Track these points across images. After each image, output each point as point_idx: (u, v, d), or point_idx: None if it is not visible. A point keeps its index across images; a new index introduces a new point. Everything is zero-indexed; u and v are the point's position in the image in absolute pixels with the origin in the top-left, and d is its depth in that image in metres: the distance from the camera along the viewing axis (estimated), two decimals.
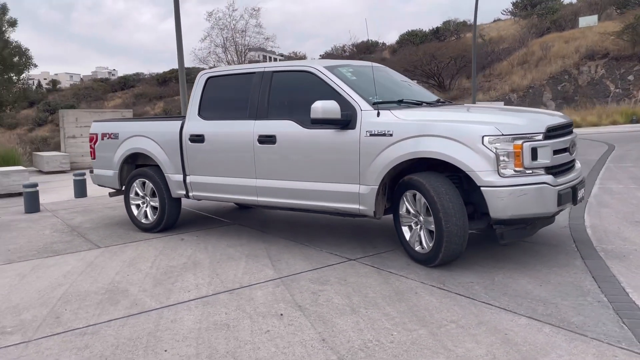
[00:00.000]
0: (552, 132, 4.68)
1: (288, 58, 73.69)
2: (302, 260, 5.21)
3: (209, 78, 6.37)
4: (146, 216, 6.81)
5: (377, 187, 4.96)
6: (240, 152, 5.85)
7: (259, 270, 4.98)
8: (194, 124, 6.25)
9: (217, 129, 6.05)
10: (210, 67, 36.40)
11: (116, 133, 7.00)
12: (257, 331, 3.64)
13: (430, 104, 5.66)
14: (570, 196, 4.74)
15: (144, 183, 6.77)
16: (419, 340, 3.40)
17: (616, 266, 4.64)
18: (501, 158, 4.45)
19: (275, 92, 5.72)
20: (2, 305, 4.37)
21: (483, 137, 4.48)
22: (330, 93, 5.27)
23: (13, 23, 17.69)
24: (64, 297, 4.50)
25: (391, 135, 4.88)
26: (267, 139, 5.61)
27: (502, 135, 4.46)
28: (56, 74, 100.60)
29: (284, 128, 5.51)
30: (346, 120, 5.09)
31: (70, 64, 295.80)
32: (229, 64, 35.74)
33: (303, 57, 68.51)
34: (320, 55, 64.30)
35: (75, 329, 3.83)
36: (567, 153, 4.85)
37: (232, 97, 6.06)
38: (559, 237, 5.65)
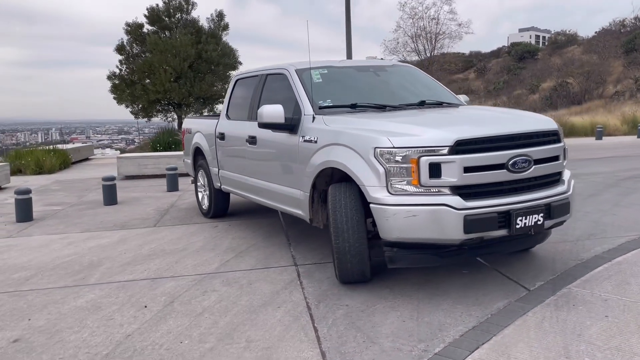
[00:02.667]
0: (465, 146, 3.93)
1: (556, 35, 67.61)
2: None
3: (237, 80, 6.85)
4: (205, 203, 7.67)
5: (309, 193, 4.84)
6: (239, 151, 6.23)
7: (207, 263, 5.36)
8: (222, 122, 6.83)
9: (231, 128, 6.52)
10: (401, 60, 35.58)
11: (190, 129, 8.00)
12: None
13: (396, 108, 5.14)
14: (497, 223, 3.93)
15: (203, 174, 7.63)
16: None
17: None
18: (392, 173, 3.96)
19: (265, 94, 5.92)
20: (29, 263, 5.68)
21: (375, 148, 4.04)
22: (293, 96, 5.28)
23: (225, 27, 20.57)
24: (66, 262, 5.61)
25: (316, 142, 4.71)
26: (252, 140, 5.86)
27: (394, 147, 3.96)
28: None
29: (263, 130, 5.69)
30: (291, 125, 5.06)
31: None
32: (419, 54, 34.40)
33: (573, 35, 62.13)
34: (595, 32, 57.83)
35: (53, 287, 4.84)
36: (504, 170, 3.99)
37: (245, 98, 6.44)
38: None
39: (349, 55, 15.67)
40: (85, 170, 15.17)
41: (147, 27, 19.65)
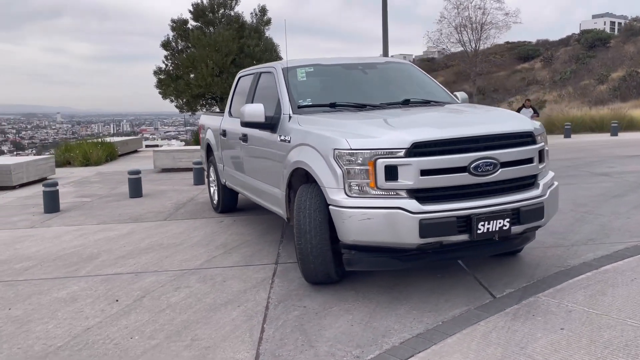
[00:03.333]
0: (422, 149, 3.82)
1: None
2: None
3: (240, 77, 6.93)
4: (215, 198, 7.84)
5: (285, 192, 4.86)
6: (236, 148, 6.33)
7: (195, 258, 5.49)
8: (225, 119, 6.94)
9: (230, 125, 6.61)
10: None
11: (203, 125, 8.17)
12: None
13: (376, 107, 5.04)
14: (456, 228, 3.81)
15: (213, 170, 7.79)
16: None
17: None
18: (350, 175, 3.92)
19: (257, 92, 5.97)
20: (37, 254, 6.02)
21: (334, 150, 4.01)
22: (277, 94, 5.31)
23: (267, 22, 20.63)
24: (68, 254, 5.91)
25: (289, 142, 4.72)
26: (244, 138, 5.93)
27: (351, 149, 3.91)
28: (392, 55, 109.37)
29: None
30: (271, 124, 5.09)
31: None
32: (464, 45, 33.06)
33: None
34: None
35: (45, 278, 5.14)
36: (465, 174, 3.86)
37: (243, 95, 6.51)
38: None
39: (385, 50, 15.45)
40: (128, 163, 15.78)
41: (191, 23, 20.14)
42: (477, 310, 3.84)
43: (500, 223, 3.92)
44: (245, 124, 5.16)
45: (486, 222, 3.87)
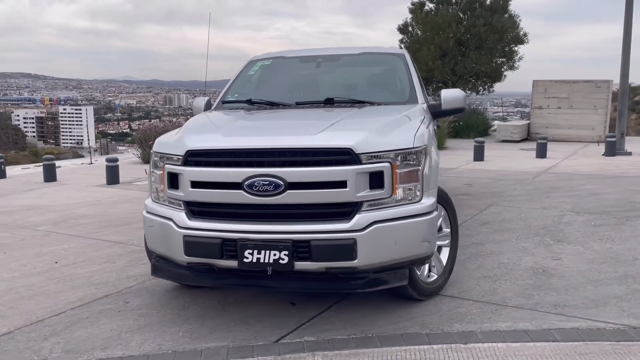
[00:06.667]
0: (195, 158, 3.45)
1: None
2: None
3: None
4: None
5: None
6: None
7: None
8: None
9: None
10: None
11: None
12: None
13: (287, 106, 4.51)
14: (221, 251, 3.37)
15: None
16: None
17: None
18: (153, 179, 3.82)
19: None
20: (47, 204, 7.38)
21: (152, 152, 3.92)
22: None
23: None
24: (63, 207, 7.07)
25: None
26: None
27: (154, 151, 3.80)
28: None
29: None
30: None
31: None
32: None
33: None
34: None
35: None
36: (240, 191, 3.34)
37: None
38: None
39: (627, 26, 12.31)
40: None
41: (428, 5, 19.50)
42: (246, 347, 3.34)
43: (275, 255, 3.28)
44: None
45: (255, 251, 3.30)
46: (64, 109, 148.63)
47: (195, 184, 3.44)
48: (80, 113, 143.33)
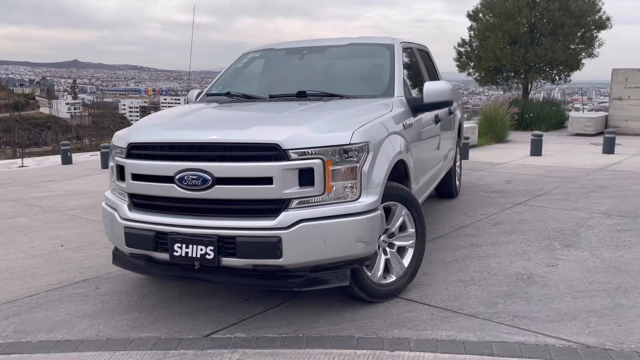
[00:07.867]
0: (136, 151, 3.52)
1: None
2: None
3: None
4: None
5: None
6: None
7: None
8: None
9: None
10: None
11: None
12: None
13: (258, 99, 4.45)
14: (154, 243, 3.44)
15: None
16: None
17: None
18: (110, 172, 3.94)
19: None
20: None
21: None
22: None
23: None
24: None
25: None
26: None
27: (111, 144, 3.90)
28: None
29: None
30: None
31: None
32: None
33: None
34: None
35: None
36: (172, 185, 3.36)
37: None
38: None
39: None
40: None
41: None
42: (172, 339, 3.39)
43: (202, 250, 3.29)
44: None
45: (183, 245, 3.33)
46: (164, 99, 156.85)
47: (135, 177, 3.52)
48: (179, 103, 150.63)
